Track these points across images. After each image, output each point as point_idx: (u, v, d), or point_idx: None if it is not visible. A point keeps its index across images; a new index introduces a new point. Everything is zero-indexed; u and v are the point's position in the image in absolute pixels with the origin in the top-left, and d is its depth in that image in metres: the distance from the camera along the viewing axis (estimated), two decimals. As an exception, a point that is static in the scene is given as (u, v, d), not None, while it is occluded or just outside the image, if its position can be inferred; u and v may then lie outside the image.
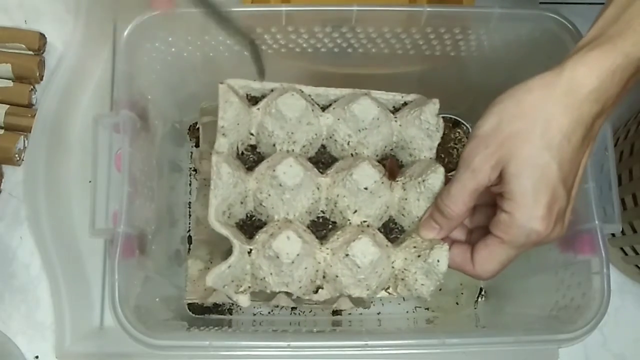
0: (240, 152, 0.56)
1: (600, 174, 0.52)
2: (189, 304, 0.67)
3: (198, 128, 0.68)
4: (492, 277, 0.48)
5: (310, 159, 0.56)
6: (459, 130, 0.69)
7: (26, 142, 0.68)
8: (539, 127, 0.42)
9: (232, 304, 0.68)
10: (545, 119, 0.42)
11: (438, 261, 0.49)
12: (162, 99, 0.63)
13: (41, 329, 0.65)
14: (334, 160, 0.57)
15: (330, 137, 0.56)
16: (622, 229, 0.53)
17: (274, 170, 0.51)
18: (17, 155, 0.67)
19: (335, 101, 0.57)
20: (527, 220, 0.43)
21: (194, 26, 0.56)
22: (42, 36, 0.70)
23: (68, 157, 0.67)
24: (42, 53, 0.71)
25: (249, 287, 0.51)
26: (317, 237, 0.53)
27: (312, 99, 0.56)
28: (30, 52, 0.70)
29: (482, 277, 0.48)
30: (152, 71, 0.59)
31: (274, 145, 0.55)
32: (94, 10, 0.69)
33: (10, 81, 0.69)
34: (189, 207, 0.70)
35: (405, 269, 0.52)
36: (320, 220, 0.55)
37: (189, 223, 0.70)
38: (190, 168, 0.71)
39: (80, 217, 0.66)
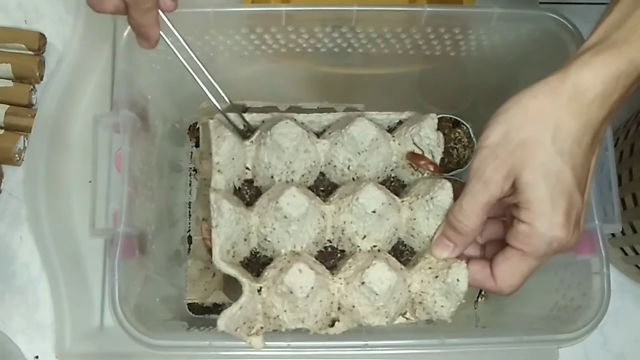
0: (237, 188, 0.55)
1: (600, 174, 0.52)
2: (189, 304, 0.67)
3: (198, 128, 0.69)
4: (515, 291, 0.47)
5: (309, 188, 0.54)
6: (459, 130, 0.69)
7: (26, 142, 0.68)
8: (549, 133, 0.42)
9: (232, 304, 0.67)
10: (555, 124, 0.42)
11: (458, 280, 0.48)
12: (162, 99, 0.63)
13: (41, 329, 0.65)
14: (334, 187, 0.56)
15: (329, 163, 0.55)
16: (622, 229, 0.53)
17: (277, 202, 0.50)
18: (17, 155, 0.67)
19: (328, 126, 0.56)
20: (547, 228, 0.43)
21: (194, 26, 0.56)
22: (42, 36, 0.70)
23: (68, 157, 0.67)
24: (42, 53, 0.71)
25: (261, 327, 0.50)
26: (327, 268, 0.51)
27: (305, 127, 0.55)
28: (30, 52, 0.70)
29: (505, 292, 0.47)
30: (152, 71, 0.59)
31: (272, 177, 0.54)
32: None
33: (10, 81, 0.69)
34: (189, 207, 0.70)
35: (422, 292, 0.50)
36: (328, 249, 0.54)
37: (189, 223, 0.70)
38: (190, 168, 0.71)
39: (80, 217, 0.66)
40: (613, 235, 0.63)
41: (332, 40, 0.59)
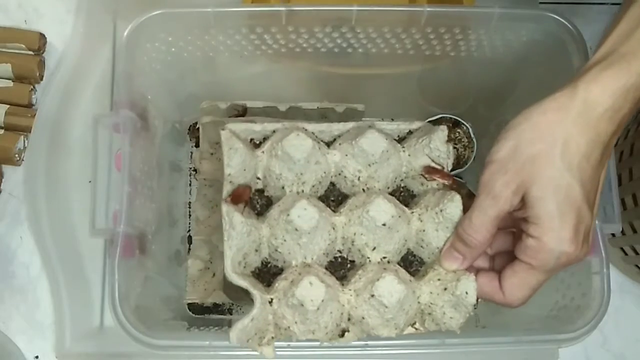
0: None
1: (600, 174, 0.52)
2: (189, 304, 0.67)
3: (198, 128, 0.69)
4: (523, 303, 0.47)
5: (319, 198, 0.55)
6: (459, 131, 0.69)
7: (26, 142, 0.68)
8: (558, 149, 0.42)
9: (232, 304, 0.68)
10: (564, 140, 0.42)
11: (466, 293, 0.48)
12: (162, 99, 0.63)
13: (41, 329, 0.65)
14: (343, 196, 0.56)
15: (339, 174, 0.55)
16: (622, 229, 0.53)
17: (288, 215, 0.50)
18: (17, 155, 0.67)
19: (339, 136, 0.56)
20: (556, 243, 0.43)
21: (194, 26, 0.56)
22: (42, 36, 0.70)
23: (68, 157, 0.67)
24: (42, 53, 0.71)
25: (272, 337, 0.50)
26: (337, 278, 0.51)
27: (315, 137, 0.55)
28: (30, 52, 0.70)
29: (514, 305, 0.47)
30: (152, 71, 0.59)
31: (283, 187, 0.54)
32: (94, 10, 0.69)
33: (10, 81, 0.69)
34: (189, 207, 0.70)
35: (432, 303, 0.50)
36: (339, 260, 0.54)
37: (189, 223, 0.70)
38: (190, 168, 0.71)
39: (80, 217, 0.66)
40: (613, 235, 0.63)
41: (332, 40, 0.59)
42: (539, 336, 0.49)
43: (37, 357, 0.65)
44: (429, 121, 0.65)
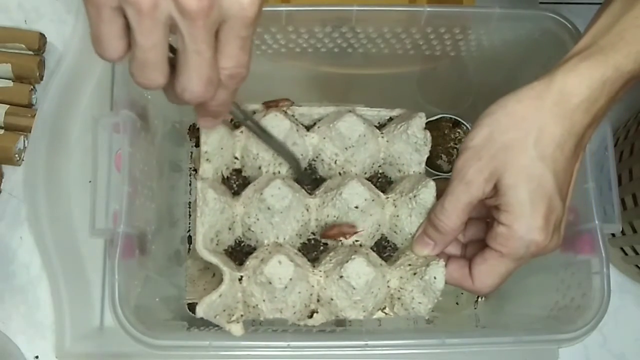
0: (225, 177, 0.55)
1: (600, 174, 0.52)
2: (189, 304, 0.67)
3: (198, 128, 0.68)
4: (492, 291, 0.47)
5: (296, 181, 0.55)
6: (458, 130, 0.69)
7: (26, 142, 0.68)
8: (532, 137, 0.42)
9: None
10: (538, 128, 0.42)
11: (435, 278, 0.48)
12: (162, 99, 0.62)
13: (41, 329, 0.65)
14: (321, 180, 0.56)
15: (317, 157, 0.56)
16: (622, 229, 0.53)
17: (261, 194, 0.50)
18: (17, 155, 0.67)
19: (319, 120, 0.56)
20: (525, 231, 0.43)
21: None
22: (42, 36, 0.70)
23: (68, 157, 0.67)
24: (42, 53, 0.71)
25: (241, 315, 0.50)
26: (308, 260, 0.52)
27: (295, 119, 0.56)
28: (30, 52, 0.70)
29: (482, 292, 0.48)
30: (152, 71, 0.59)
31: (260, 168, 0.54)
32: (94, 10, 0.69)
33: (10, 81, 0.69)
34: (189, 207, 0.70)
35: (401, 288, 0.51)
36: (312, 242, 0.54)
37: (189, 223, 0.69)
38: (190, 168, 0.71)
39: (80, 217, 0.66)
40: (613, 235, 0.63)
41: (332, 40, 0.59)
42: (539, 336, 0.49)
43: (37, 357, 0.65)
44: (429, 121, 0.65)
